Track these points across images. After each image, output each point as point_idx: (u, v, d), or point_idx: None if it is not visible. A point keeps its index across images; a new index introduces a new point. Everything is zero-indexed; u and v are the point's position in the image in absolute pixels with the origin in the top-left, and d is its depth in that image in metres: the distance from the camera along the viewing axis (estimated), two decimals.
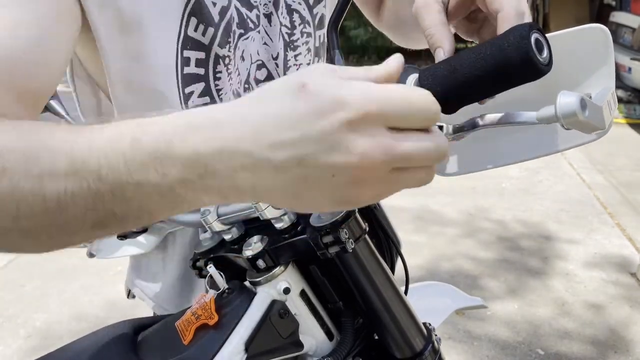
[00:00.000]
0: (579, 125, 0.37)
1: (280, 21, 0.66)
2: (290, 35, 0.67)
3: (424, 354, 0.62)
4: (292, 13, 0.67)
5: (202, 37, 0.59)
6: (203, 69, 0.61)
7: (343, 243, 0.52)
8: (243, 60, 0.65)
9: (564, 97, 0.37)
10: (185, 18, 0.58)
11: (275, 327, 0.56)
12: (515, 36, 0.38)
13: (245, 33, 0.63)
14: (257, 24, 0.65)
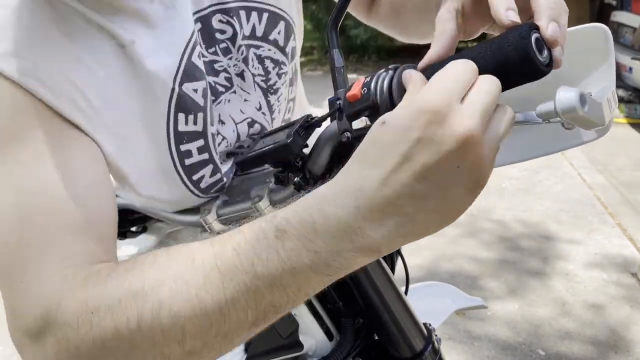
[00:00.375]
0: (578, 120, 0.37)
1: (253, 73, 0.66)
2: (266, 81, 0.68)
3: (424, 354, 0.62)
4: (264, 61, 0.67)
5: (195, 126, 0.59)
6: (207, 153, 0.61)
7: None
8: (223, 124, 0.64)
9: (563, 92, 0.36)
10: (172, 117, 0.58)
11: (275, 327, 0.56)
12: (515, 36, 0.37)
13: (216, 99, 0.63)
14: (230, 86, 0.65)
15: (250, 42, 0.65)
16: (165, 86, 0.56)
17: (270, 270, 0.37)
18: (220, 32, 0.63)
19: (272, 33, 0.66)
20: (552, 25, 0.39)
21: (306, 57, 7.55)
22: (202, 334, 0.39)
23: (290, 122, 0.57)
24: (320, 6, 6.97)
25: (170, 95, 0.57)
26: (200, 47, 0.60)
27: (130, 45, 0.54)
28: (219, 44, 0.63)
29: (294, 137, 0.50)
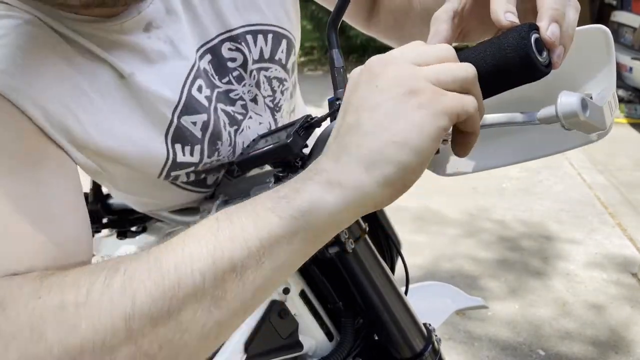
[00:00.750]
0: (579, 125, 0.37)
1: (263, 95, 0.67)
2: (273, 100, 0.68)
3: (424, 355, 0.62)
4: (272, 81, 0.67)
5: (191, 157, 0.60)
6: (192, 167, 0.62)
7: (343, 243, 0.52)
8: None
9: (564, 97, 0.36)
10: (171, 150, 0.58)
11: (275, 327, 0.56)
12: (514, 36, 0.37)
13: (239, 127, 0.64)
14: (246, 112, 0.65)
15: (260, 65, 0.65)
16: (164, 118, 0.56)
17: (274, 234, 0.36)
18: (231, 61, 0.63)
19: (277, 53, 0.67)
20: (553, 27, 0.39)
21: (306, 57, 7.55)
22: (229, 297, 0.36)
23: (290, 122, 0.57)
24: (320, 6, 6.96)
25: (167, 128, 0.57)
26: (201, 81, 0.59)
27: (130, 77, 0.54)
28: (232, 72, 0.63)
29: (294, 137, 0.50)
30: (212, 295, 0.35)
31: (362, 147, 0.36)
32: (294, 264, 0.37)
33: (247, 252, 0.35)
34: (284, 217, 0.36)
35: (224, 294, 0.35)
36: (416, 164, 0.36)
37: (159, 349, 0.35)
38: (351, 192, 0.36)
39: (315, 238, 0.37)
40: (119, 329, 0.34)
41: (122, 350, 0.34)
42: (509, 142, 0.52)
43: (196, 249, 0.36)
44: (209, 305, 0.35)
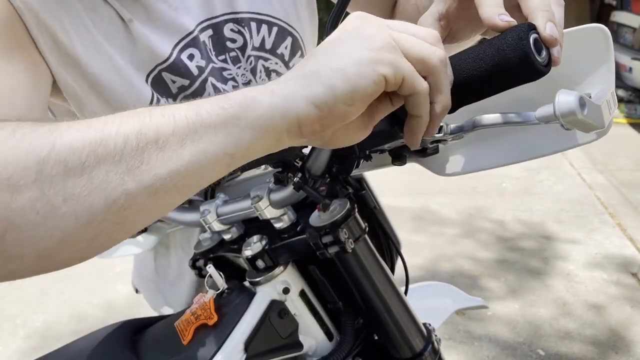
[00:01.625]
0: (577, 124, 0.37)
1: (259, 84, 0.67)
2: None
3: (424, 355, 0.62)
4: (270, 74, 0.69)
5: None
6: None
7: (342, 243, 0.52)
8: None
9: (562, 96, 0.36)
10: (155, 96, 0.63)
11: (275, 327, 0.56)
12: (513, 36, 0.37)
13: None
14: None
15: (259, 54, 0.67)
16: (147, 66, 0.61)
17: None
18: (231, 41, 0.65)
19: (280, 47, 0.68)
20: (549, 25, 0.39)
21: None
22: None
23: None
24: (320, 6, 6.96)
25: (148, 73, 0.62)
26: (195, 50, 0.63)
27: (129, 22, 0.59)
28: (229, 53, 0.65)
29: None
30: (129, 163, 0.35)
31: (304, 66, 0.38)
32: (213, 158, 0.37)
33: (173, 128, 0.35)
34: (215, 105, 0.36)
35: (140, 164, 0.35)
36: (346, 94, 0.36)
37: (62, 201, 0.34)
38: (280, 99, 0.37)
39: (239, 136, 0.36)
40: (29, 169, 0.33)
41: (26, 192, 0.33)
42: (508, 141, 0.52)
43: (128, 116, 0.36)
44: (123, 171, 0.35)
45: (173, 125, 0.35)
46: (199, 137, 0.36)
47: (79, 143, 0.34)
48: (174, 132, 0.35)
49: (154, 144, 0.35)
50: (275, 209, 0.55)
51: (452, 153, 0.56)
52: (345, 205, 0.53)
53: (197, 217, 0.61)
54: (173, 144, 0.35)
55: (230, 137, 0.36)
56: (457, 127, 0.45)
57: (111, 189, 0.34)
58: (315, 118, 0.36)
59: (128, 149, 0.35)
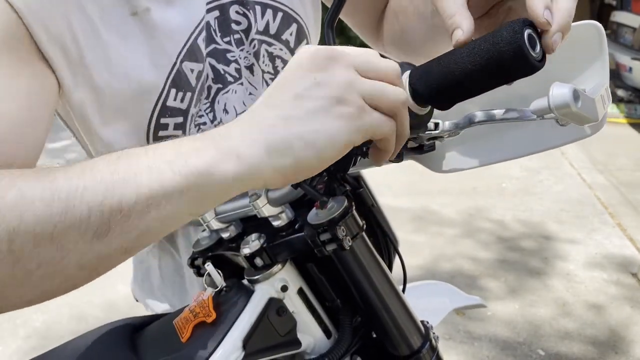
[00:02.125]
0: (572, 116, 0.37)
1: (263, 69, 0.68)
2: (274, 80, 0.69)
3: (422, 352, 0.62)
4: (274, 60, 0.68)
5: (181, 103, 0.62)
6: (180, 130, 0.64)
7: (340, 241, 0.52)
8: (227, 113, 0.67)
9: (557, 89, 0.37)
10: (166, 90, 0.60)
11: (273, 325, 0.56)
12: (508, 31, 0.38)
13: (224, 87, 0.65)
14: (239, 77, 0.66)
15: (263, 38, 0.66)
16: (169, 60, 0.59)
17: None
18: (236, 23, 0.65)
19: (284, 33, 0.68)
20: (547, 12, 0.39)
21: None
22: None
23: None
24: None
25: (170, 69, 0.59)
26: (205, 32, 0.62)
27: (145, 12, 0.56)
28: (234, 35, 0.65)
29: None
30: (96, 230, 0.36)
31: (273, 130, 0.38)
32: (178, 219, 0.39)
33: (136, 199, 0.36)
34: (177, 174, 0.37)
35: (107, 231, 0.36)
36: (314, 165, 0.38)
37: (37, 267, 0.36)
38: (246, 168, 0.37)
39: (202, 200, 0.38)
40: (2, 240, 0.35)
41: (2, 258, 0.35)
42: (504, 138, 0.52)
43: (90, 182, 0.36)
44: (91, 238, 0.36)
45: (136, 196, 0.36)
46: (163, 206, 0.37)
47: (45, 215, 0.35)
48: (137, 202, 0.36)
49: (118, 213, 0.36)
50: (273, 207, 0.55)
51: (449, 150, 0.56)
52: (343, 202, 0.53)
53: None
54: (137, 212, 0.37)
55: (193, 202, 0.38)
56: (452, 124, 0.45)
57: (82, 253, 0.36)
58: (280, 181, 0.39)
59: (93, 218, 0.36)
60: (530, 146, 0.51)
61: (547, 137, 0.50)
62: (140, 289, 0.86)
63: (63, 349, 0.61)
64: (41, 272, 0.36)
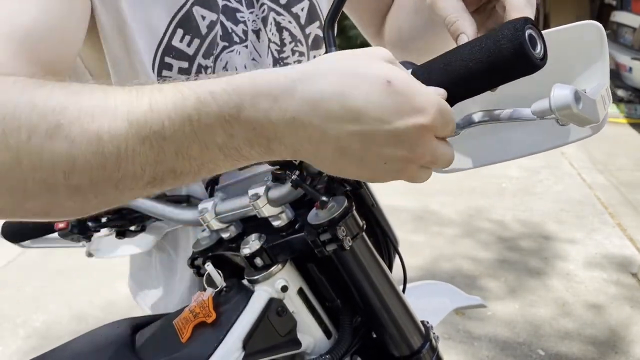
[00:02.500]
0: (573, 118, 0.37)
1: (269, 38, 0.67)
2: (279, 52, 0.68)
3: (422, 352, 0.62)
4: (282, 31, 0.68)
5: (187, 47, 0.61)
6: (185, 76, 0.62)
7: (340, 241, 0.52)
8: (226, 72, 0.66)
9: (558, 90, 0.37)
10: (171, 29, 0.59)
11: (273, 325, 0.56)
12: (509, 29, 0.38)
13: (229, 46, 0.65)
14: (245, 39, 0.66)
15: (273, 6, 0.66)
16: (177, 4, 0.58)
17: (180, 138, 0.37)
18: None
19: (295, 6, 0.67)
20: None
21: None
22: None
23: None
24: None
25: (178, 9, 0.58)
26: None
27: None
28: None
29: None
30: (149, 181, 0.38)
31: (331, 158, 0.39)
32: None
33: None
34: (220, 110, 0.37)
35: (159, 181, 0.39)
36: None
37: (94, 197, 0.38)
38: (283, 153, 0.39)
39: (223, 144, 0.38)
40: (59, 172, 0.36)
41: (60, 191, 0.37)
42: (504, 138, 0.52)
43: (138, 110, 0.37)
44: (145, 184, 0.39)
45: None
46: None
47: (99, 162, 0.37)
48: (191, 172, 0.39)
49: (170, 172, 0.38)
50: (274, 207, 0.55)
51: None
52: (343, 203, 0.53)
53: (195, 215, 0.61)
54: (191, 173, 0.39)
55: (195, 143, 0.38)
56: None
57: (136, 194, 0.40)
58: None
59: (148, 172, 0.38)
60: (530, 146, 0.51)
61: (548, 138, 0.50)
62: (133, 281, 0.86)
63: (63, 349, 0.61)
64: (98, 200, 0.38)
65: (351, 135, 0.37)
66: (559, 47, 0.40)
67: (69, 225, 0.68)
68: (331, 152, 0.38)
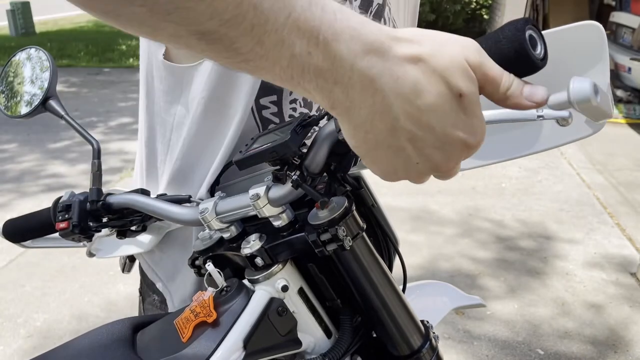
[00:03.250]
0: (590, 110, 0.37)
1: None
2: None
3: (422, 351, 0.62)
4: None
5: None
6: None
7: (341, 241, 0.52)
8: None
9: (577, 83, 0.37)
10: None
11: (274, 324, 0.56)
12: (510, 29, 0.38)
13: None
14: None
15: None
16: None
17: (268, 15, 0.34)
18: None
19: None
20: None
21: None
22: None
23: (288, 121, 0.57)
24: None
25: None
26: None
27: None
28: None
29: (292, 136, 0.50)
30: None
31: (374, 134, 0.38)
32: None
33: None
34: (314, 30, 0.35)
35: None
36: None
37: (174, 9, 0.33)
38: (336, 102, 0.38)
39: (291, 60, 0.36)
40: None
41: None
42: (504, 138, 0.52)
43: None
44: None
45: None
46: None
47: None
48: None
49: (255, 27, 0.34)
50: (274, 207, 0.55)
51: None
52: (344, 203, 0.53)
53: (196, 215, 0.61)
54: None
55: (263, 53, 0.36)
56: None
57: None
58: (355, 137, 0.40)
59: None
60: (530, 146, 0.51)
61: (547, 138, 0.50)
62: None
63: (64, 349, 0.61)
64: (174, 17, 0.33)
65: (408, 121, 0.38)
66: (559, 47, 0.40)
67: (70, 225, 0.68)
68: (380, 129, 0.38)
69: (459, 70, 0.37)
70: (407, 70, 0.37)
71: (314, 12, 0.35)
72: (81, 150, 4.05)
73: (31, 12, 9.72)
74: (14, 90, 0.79)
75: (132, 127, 4.65)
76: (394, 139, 0.39)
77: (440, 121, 0.38)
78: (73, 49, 8.23)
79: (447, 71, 0.37)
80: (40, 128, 4.47)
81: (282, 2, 0.34)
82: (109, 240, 0.81)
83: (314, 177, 0.52)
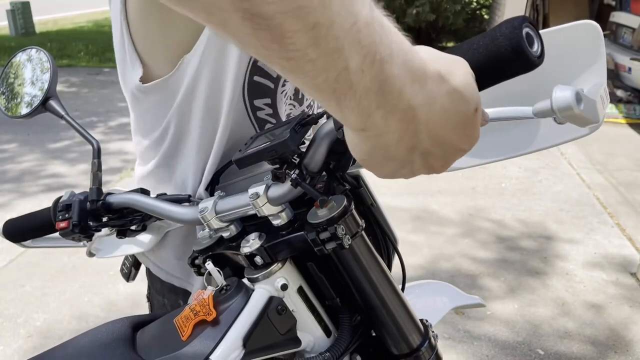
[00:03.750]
0: (573, 118, 0.38)
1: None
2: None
3: (421, 350, 0.62)
4: None
5: None
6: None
7: (340, 239, 0.52)
8: None
9: (559, 91, 0.37)
10: None
11: (273, 323, 0.56)
12: (507, 27, 0.38)
13: None
14: None
15: None
16: None
17: (332, 20, 0.29)
18: None
19: None
20: None
21: None
22: None
23: (287, 120, 0.58)
24: None
25: None
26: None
27: None
28: None
29: (291, 134, 0.51)
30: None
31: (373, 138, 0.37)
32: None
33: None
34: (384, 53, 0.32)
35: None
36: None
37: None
38: (372, 127, 0.35)
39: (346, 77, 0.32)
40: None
41: None
42: (502, 137, 0.52)
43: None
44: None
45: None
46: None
47: None
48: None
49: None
50: (273, 206, 0.56)
51: None
52: (343, 201, 0.54)
53: (196, 215, 0.61)
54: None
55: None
56: None
57: None
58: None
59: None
60: (528, 145, 0.51)
61: (546, 136, 0.50)
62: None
63: (64, 348, 0.61)
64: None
65: (428, 141, 0.38)
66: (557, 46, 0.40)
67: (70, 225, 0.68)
68: (400, 150, 0.38)
69: (472, 86, 0.38)
70: (436, 95, 0.36)
71: (375, 27, 0.32)
72: (81, 150, 4.05)
73: (31, 12, 9.74)
74: (14, 92, 0.79)
75: None
76: (409, 156, 0.39)
77: (454, 137, 0.38)
78: (73, 49, 8.24)
79: (466, 89, 0.37)
80: (40, 128, 4.48)
81: (351, 6, 0.30)
82: (109, 239, 0.81)
83: (313, 175, 0.52)
